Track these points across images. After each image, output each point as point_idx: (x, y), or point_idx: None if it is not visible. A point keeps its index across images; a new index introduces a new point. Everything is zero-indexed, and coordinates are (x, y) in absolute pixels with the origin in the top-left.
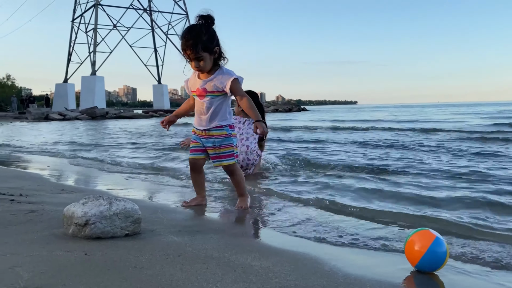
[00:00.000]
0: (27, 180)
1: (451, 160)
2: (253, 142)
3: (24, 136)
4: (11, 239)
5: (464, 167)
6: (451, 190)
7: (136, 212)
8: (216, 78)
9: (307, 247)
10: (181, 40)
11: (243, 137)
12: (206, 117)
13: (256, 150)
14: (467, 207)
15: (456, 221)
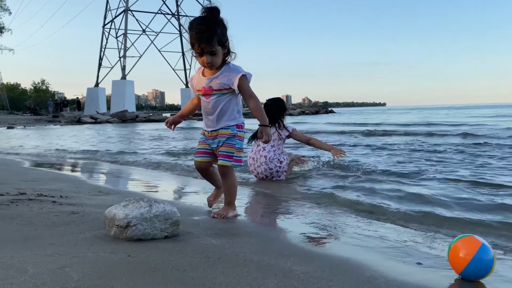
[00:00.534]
0: (65, 182)
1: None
2: (271, 150)
3: (61, 139)
4: (57, 240)
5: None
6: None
7: (175, 214)
8: (223, 74)
9: (346, 252)
10: (191, 32)
11: (260, 148)
12: (213, 117)
13: (277, 157)
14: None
15: (503, 227)
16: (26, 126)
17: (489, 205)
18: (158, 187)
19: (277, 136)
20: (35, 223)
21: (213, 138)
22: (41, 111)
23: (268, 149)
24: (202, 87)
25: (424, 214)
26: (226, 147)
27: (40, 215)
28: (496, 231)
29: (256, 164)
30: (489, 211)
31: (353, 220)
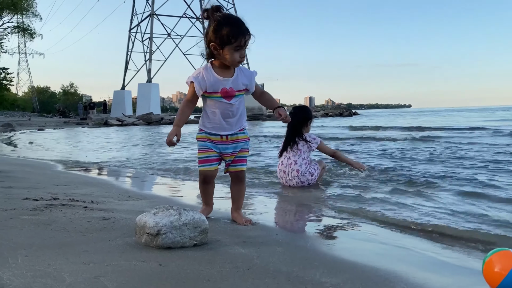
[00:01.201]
0: (95, 186)
1: None
2: (303, 163)
3: (88, 141)
4: (90, 247)
5: None
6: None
7: (204, 222)
8: (240, 74)
9: (376, 262)
10: (233, 25)
11: (291, 161)
12: (235, 120)
13: (309, 170)
14: None
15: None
16: (55, 128)
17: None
18: (182, 192)
19: (307, 148)
20: (69, 230)
21: (232, 142)
22: (70, 114)
23: (300, 163)
24: (222, 88)
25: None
26: (244, 152)
27: (73, 221)
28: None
29: (288, 178)
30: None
31: (382, 231)
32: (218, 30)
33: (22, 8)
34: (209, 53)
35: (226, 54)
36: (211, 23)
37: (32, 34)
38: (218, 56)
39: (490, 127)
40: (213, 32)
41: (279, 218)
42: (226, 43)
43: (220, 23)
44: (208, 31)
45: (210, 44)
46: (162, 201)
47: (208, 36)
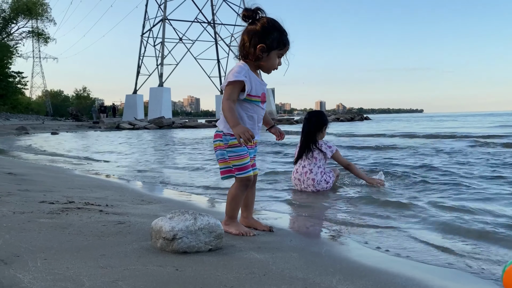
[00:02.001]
0: (109, 190)
1: None
2: (318, 172)
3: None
4: (107, 251)
5: None
6: None
7: (219, 227)
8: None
9: (392, 268)
10: (281, 33)
11: (306, 170)
12: (261, 125)
13: (324, 178)
14: None
15: None
16: (68, 131)
17: None
18: (196, 197)
19: (322, 156)
20: (85, 233)
21: (255, 146)
22: (83, 117)
23: (315, 171)
24: (262, 93)
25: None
26: (255, 155)
27: (89, 225)
28: None
29: (303, 186)
30: None
31: (399, 235)
32: (270, 32)
33: (37, 13)
34: (250, 53)
35: (270, 58)
36: (260, 24)
37: (46, 38)
38: (262, 58)
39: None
40: (265, 33)
41: (292, 223)
42: (274, 48)
43: (273, 27)
44: (254, 31)
45: (259, 45)
46: (176, 205)
47: (253, 36)
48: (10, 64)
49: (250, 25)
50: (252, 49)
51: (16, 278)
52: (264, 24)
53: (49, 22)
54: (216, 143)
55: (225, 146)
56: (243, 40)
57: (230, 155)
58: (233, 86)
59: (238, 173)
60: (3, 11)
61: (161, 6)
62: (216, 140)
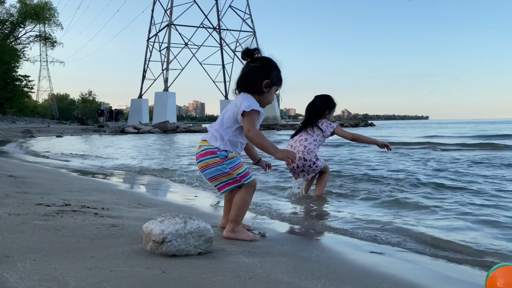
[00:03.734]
0: (107, 193)
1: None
2: (313, 143)
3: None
4: (97, 253)
5: None
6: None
7: (209, 231)
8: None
9: (382, 272)
10: (280, 72)
11: (302, 137)
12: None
13: (316, 153)
14: None
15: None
16: (73, 135)
17: None
18: (194, 201)
19: (321, 133)
20: (78, 235)
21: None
22: (88, 121)
23: (310, 141)
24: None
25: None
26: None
27: (83, 227)
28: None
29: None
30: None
31: (393, 240)
32: (272, 70)
33: (44, 17)
34: (254, 88)
35: (270, 93)
36: (262, 62)
37: (53, 43)
38: (265, 93)
39: None
40: (268, 70)
41: (286, 228)
42: (275, 84)
43: (273, 65)
44: (258, 68)
45: (266, 81)
46: (172, 209)
47: (258, 72)
48: (18, 68)
49: (251, 62)
50: (258, 84)
51: (3, 277)
52: (265, 62)
53: (57, 27)
54: (207, 161)
55: (222, 161)
56: (247, 74)
57: (231, 166)
58: (255, 115)
59: (245, 179)
60: (11, 15)
61: (167, 11)
62: (209, 157)
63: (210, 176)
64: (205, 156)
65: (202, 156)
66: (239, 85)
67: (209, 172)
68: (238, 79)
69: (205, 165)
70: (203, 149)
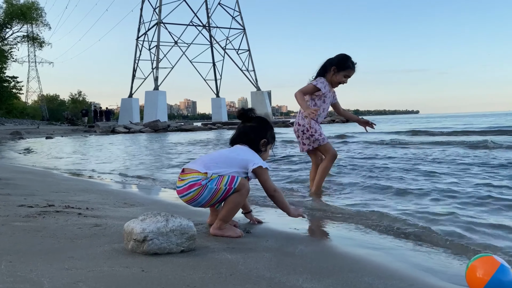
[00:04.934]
0: (94, 193)
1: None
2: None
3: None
4: (77, 253)
5: None
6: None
7: (191, 229)
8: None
9: (365, 266)
10: (272, 130)
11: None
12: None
13: (313, 123)
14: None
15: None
16: (63, 136)
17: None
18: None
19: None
20: (59, 236)
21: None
22: (78, 122)
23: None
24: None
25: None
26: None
27: (65, 228)
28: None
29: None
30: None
31: (378, 237)
32: (268, 130)
33: (31, 17)
34: (254, 146)
35: (267, 150)
36: (259, 122)
37: (41, 43)
38: (261, 151)
39: None
40: (264, 130)
41: (273, 224)
42: (270, 142)
43: (269, 124)
44: (255, 128)
45: (263, 140)
46: (159, 208)
47: (256, 132)
48: (5, 69)
49: (247, 121)
50: (255, 143)
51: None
52: (262, 122)
53: (44, 27)
54: (192, 194)
55: (206, 183)
56: (244, 134)
57: (216, 181)
58: (267, 172)
59: (234, 184)
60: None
61: (156, 9)
62: (192, 190)
63: (203, 203)
64: (189, 189)
65: (186, 190)
66: (234, 141)
67: (198, 202)
68: (234, 137)
69: (190, 198)
70: (187, 182)
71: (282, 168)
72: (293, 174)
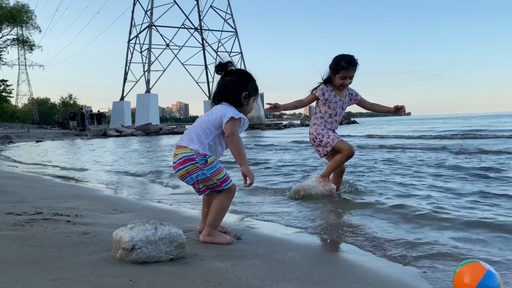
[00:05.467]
0: (83, 199)
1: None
2: (314, 115)
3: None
4: (64, 262)
5: None
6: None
7: (180, 236)
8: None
9: (354, 272)
10: (253, 81)
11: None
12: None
13: (321, 129)
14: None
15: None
16: (54, 139)
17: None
18: (175, 205)
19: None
20: (46, 245)
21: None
22: (68, 125)
23: (314, 115)
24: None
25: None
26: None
27: (53, 236)
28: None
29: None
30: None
31: (370, 240)
32: (248, 81)
33: (21, 20)
34: (234, 100)
35: (249, 103)
36: (238, 75)
37: (32, 46)
38: (244, 105)
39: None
40: (244, 82)
41: (264, 229)
42: (253, 94)
43: (249, 76)
44: (234, 80)
45: (244, 93)
46: (149, 214)
47: (236, 85)
48: None
49: (225, 76)
50: (236, 97)
51: None
52: (241, 74)
53: (34, 29)
54: (187, 168)
55: (203, 166)
56: (224, 89)
57: (211, 171)
58: (239, 122)
59: (225, 185)
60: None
61: (147, 12)
62: (188, 164)
63: (194, 181)
64: (184, 164)
65: (181, 165)
66: (216, 99)
67: (191, 178)
68: (215, 93)
69: (185, 173)
70: (181, 157)
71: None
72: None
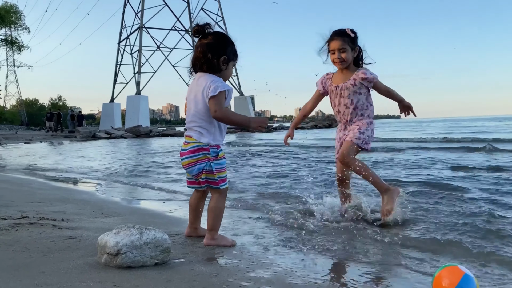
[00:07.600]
0: (70, 203)
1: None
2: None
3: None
4: (49, 268)
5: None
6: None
7: (166, 241)
8: None
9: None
10: (232, 45)
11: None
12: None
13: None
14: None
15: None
16: (42, 141)
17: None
18: (163, 209)
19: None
20: (31, 250)
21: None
22: (58, 127)
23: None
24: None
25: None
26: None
27: (38, 241)
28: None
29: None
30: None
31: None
32: (227, 45)
33: (10, 21)
34: (213, 65)
35: (229, 68)
36: (216, 38)
37: (20, 47)
38: (223, 70)
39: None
40: (223, 46)
41: (253, 235)
42: (232, 59)
43: (228, 40)
44: (213, 44)
45: (223, 57)
46: (136, 218)
47: (214, 49)
48: None
49: (203, 39)
50: (214, 61)
51: None
52: (219, 37)
53: (23, 30)
54: (198, 157)
55: (213, 159)
56: (202, 53)
57: (217, 167)
58: (222, 96)
59: (222, 184)
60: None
61: (138, 14)
62: (200, 153)
63: (200, 171)
64: (197, 152)
65: (192, 153)
66: (194, 64)
67: (198, 168)
68: (193, 58)
69: (194, 161)
70: (195, 145)
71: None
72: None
